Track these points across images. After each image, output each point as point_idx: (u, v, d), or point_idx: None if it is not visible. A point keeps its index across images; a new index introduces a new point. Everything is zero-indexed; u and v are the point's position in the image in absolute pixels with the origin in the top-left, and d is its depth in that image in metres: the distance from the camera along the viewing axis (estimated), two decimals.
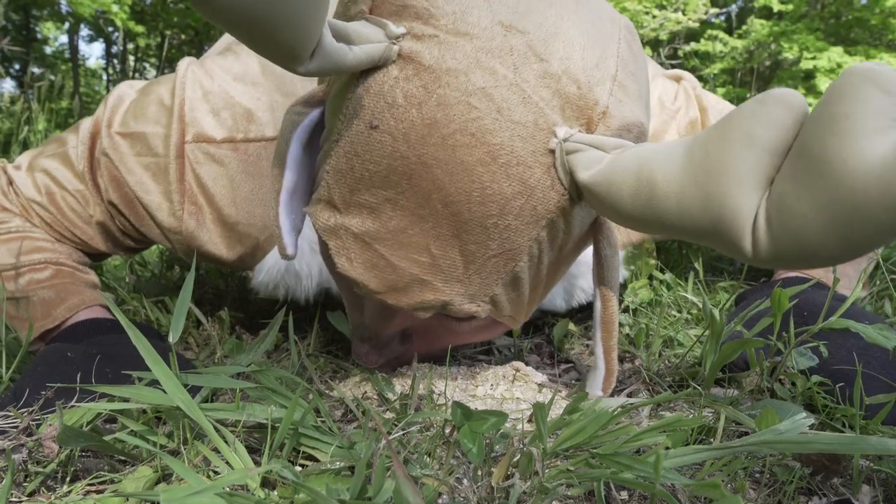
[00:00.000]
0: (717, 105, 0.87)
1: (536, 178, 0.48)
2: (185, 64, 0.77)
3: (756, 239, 0.37)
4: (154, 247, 1.24)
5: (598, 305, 0.59)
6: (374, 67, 0.48)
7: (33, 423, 0.52)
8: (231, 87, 0.75)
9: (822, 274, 0.82)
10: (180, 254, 0.79)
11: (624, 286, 0.90)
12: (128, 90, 0.79)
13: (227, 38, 0.89)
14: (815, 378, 0.59)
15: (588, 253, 0.74)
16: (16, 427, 0.52)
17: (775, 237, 0.36)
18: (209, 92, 0.74)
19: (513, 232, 0.50)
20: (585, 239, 0.58)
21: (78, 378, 0.58)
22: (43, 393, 0.56)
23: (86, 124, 0.78)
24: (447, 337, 0.64)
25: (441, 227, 0.49)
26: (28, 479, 0.47)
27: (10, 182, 0.79)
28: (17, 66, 7.90)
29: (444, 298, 0.52)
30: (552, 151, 0.48)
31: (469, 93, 0.47)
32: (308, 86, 0.75)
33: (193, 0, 0.36)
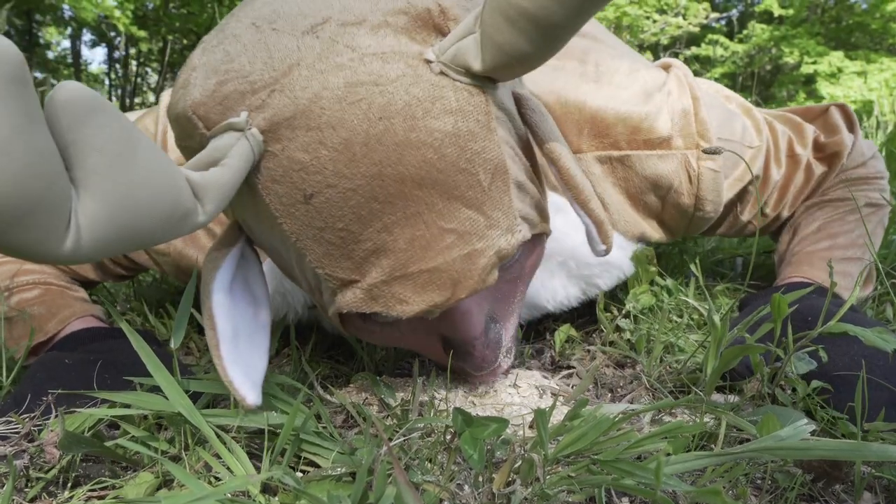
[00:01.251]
0: (710, 91, 0.87)
1: (453, 100, 0.48)
2: (168, 95, 0.78)
3: None
4: None
5: (553, 170, 0.57)
6: (256, 165, 0.48)
7: (35, 428, 0.53)
8: None
9: (822, 278, 0.81)
10: (171, 277, 0.79)
11: (626, 290, 0.90)
12: None
13: None
14: (816, 383, 0.59)
15: (561, 250, 0.74)
16: (17, 433, 0.52)
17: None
18: None
19: (483, 153, 0.50)
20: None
21: (78, 384, 0.59)
22: (44, 399, 0.56)
23: None
24: (521, 286, 0.62)
25: (435, 204, 0.49)
26: (29, 485, 0.47)
27: None
28: None
29: (492, 250, 0.51)
30: (442, 73, 0.48)
31: (342, 97, 0.46)
32: None
33: None
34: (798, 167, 0.90)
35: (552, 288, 0.77)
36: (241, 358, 0.52)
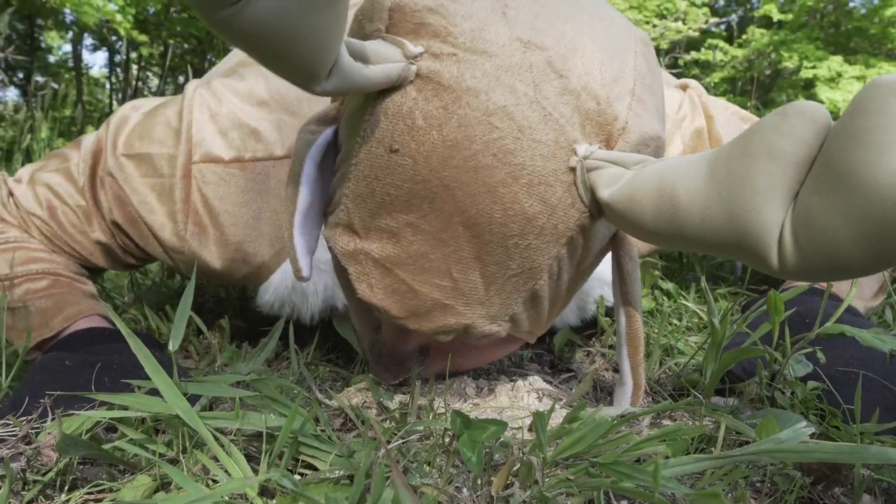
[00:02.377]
0: (725, 111, 0.87)
1: (558, 197, 0.48)
2: (193, 87, 0.77)
3: (783, 253, 0.37)
4: None
5: (622, 321, 0.58)
6: (391, 88, 0.48)
7: (32, 431, 0.52)
8: (238, 109, 0.75)
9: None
10: (183, 271, 0.79)
11: None
12: (131, 112, 0.79)
13: (231, 60, 0.89)
14: (812, 383, 0.59)
15: (601, 269, 0.73)
16: (14, 435, 0.52)
17: (803, 251, 0.36)
18: (216, 114, 0.74)
19: (533, 251, 0.50)
20: (604, 252, 0.58)
21: (77, 386, 0.58)
22: (42, 401, 0.56)
23: (88, 142, 0.78)
24: (465, 353, 0.63)
25: (462, 251, 0.49)
26: (26, 488, 0.47)
27: (10, 194, 0.79)
28: (20, 75, 7.94)
29: (466, 322, 0.52)
30: (573, 169, 0.48)
31: (490, 112, 0.46)
32: (315, 106, 0.75)
33: (213, 24, 0.36)
34: None
35: None
36: (306, 231, 0.55)
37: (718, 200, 0.39)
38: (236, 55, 0.89)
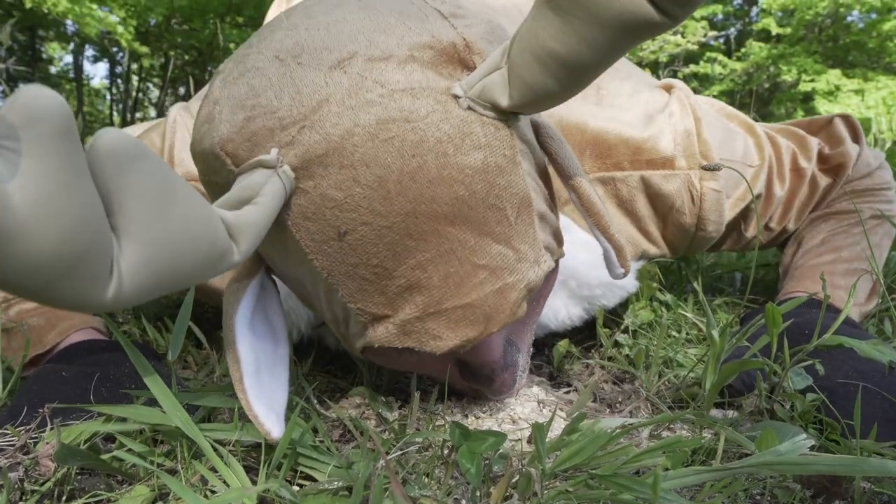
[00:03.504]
0: (710, 110, 0.87)
1: (481, 136, 0.48)
2: (176, 110, 0.80)
3: None
4: None
5: (573, 197, 0.58)
6: (289, 197, 0.48)
7: (30, 441, 0.52)
8: None
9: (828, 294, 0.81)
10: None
11: (625, 306, 0.90)
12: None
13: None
14: (811, 396, 0.59)
15: (601, 273, 0.73)
16: (13, 445, 0.52)
17: None
18: None
19: (508, 187, 0.50)
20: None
21: (74, 397, 0.58)
22: (40, 411, 0.56)
23: None
24: (537, 310, 0.63)
25: (467, 242, 0.49)
26: (24, 498, 0.47)
27: None
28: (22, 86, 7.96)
29: (522, 284, 0.52)
30: (470, 109, 0.48)
31: (374, 134, 0.46)
32: None
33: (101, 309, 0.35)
34: (802, 181, 0.90)
35: (553, 307, 0.77)
36: (264, 392, 0.51)
37: (579, 17, 0.41)
38: None
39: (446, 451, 0.52)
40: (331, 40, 0.49)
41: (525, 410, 0.65)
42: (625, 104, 0.79)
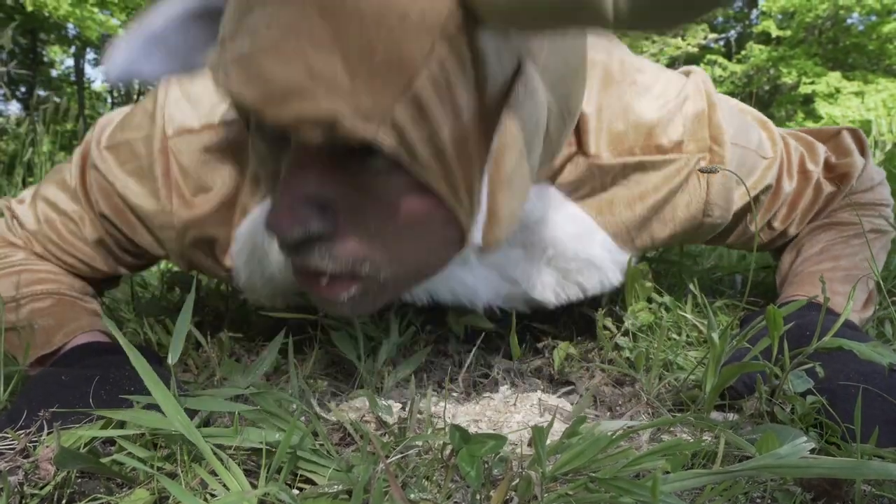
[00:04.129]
0: (728, 103, 0.84)
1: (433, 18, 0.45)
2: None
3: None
4: (155, 268, 1.24)
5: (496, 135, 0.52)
6: None
7: (30, 445, 0.52)
8: (209, 82, 0.75)
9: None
10: (175, 261, 0.79)
11: (625, 307, 0.90)
12: (116, 115, 0.81)
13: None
14: (811, 398, 0.59)
15: (593, 252, 0.72)
16: (12, 449, 0.52)
17: None
18: (188, 90, 0.75)
19: (398, 38, 0.46)
20: (508, 90, 0.52)
21: (74, 400, 0.58)
22: (40, 414, 0.56)
23: (78, 148, 0.81)
24: (377, 215, 0.54)
25: (317, 34, 0.46)
26: (24, 502, 0.47)
27: (14, 216, 0.82)
28: (23, 89, 7.99)
29: (328, 110, 0.46)
30: None
31: None
32: None
33: None
34: (808, 183, 0.90)
35: (526, 271, 0.76)
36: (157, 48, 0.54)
37: None
38: None
39: (446, 455, 0.52)
40: None
41: (525, 413, 0.65)
42: (646, 81, 0.76)
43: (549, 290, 0.77)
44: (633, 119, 0.74)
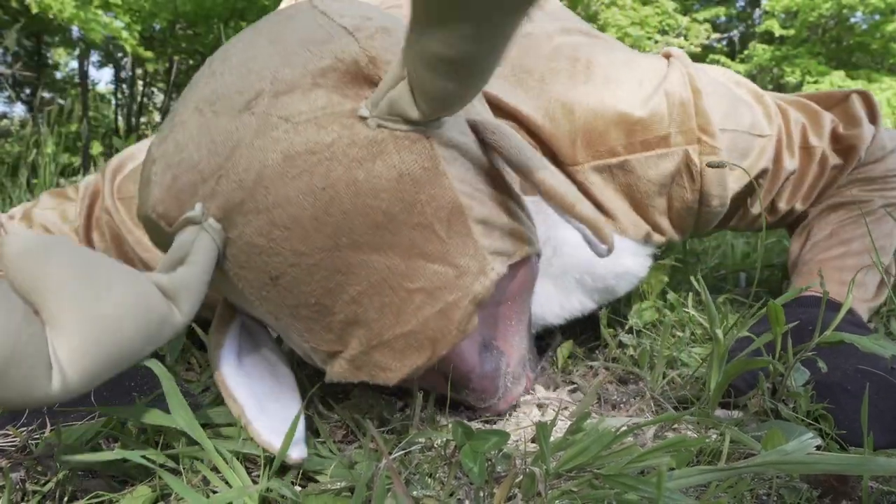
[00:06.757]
0: (719, 78, 0.83)
1: (394, 153, 0.46)
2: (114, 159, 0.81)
3: None
4: None
5: (539, 191, 0.54)
6: (223, 251, 0.48)
7: (32, 441, 0.52)
8: None
9: (835, 291, 0.79)
10: None
11: (629, 305, 0.89)
12: (128, 161, 0.82)
13: None
14: (808, 389, 0.58)
15: (577, 265, 0.71)
16: (14, 445, 0.52)
17: None
18: None
19: (432, 200, 0.48)
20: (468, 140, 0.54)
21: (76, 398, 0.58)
22: (42, 411, 0.56)
23: (85, 185, 0.82)
24: (514, 307, 0.60)
25: (397, 268, 0.47)
26: (26, 498, 0.47)
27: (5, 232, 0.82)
28: (27, 91, 8.02)
29: (467, 299, 0.49)
30: (380, 127, 0.46)
31: (283, 173, 0.45)
32: None
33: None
34: (812, 159, 0.86)
35: (569, 306, 0.75)
36: (275, 420, 0.51)
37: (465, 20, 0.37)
38: None
39: (449, 451, 0.52)
40: (241, 82, 0.49)
41: (528, 411, 0.64)
42: (619, 75, 0.74)
43: (581, 304, 0.76)
44: (612, 116, 0.71)
